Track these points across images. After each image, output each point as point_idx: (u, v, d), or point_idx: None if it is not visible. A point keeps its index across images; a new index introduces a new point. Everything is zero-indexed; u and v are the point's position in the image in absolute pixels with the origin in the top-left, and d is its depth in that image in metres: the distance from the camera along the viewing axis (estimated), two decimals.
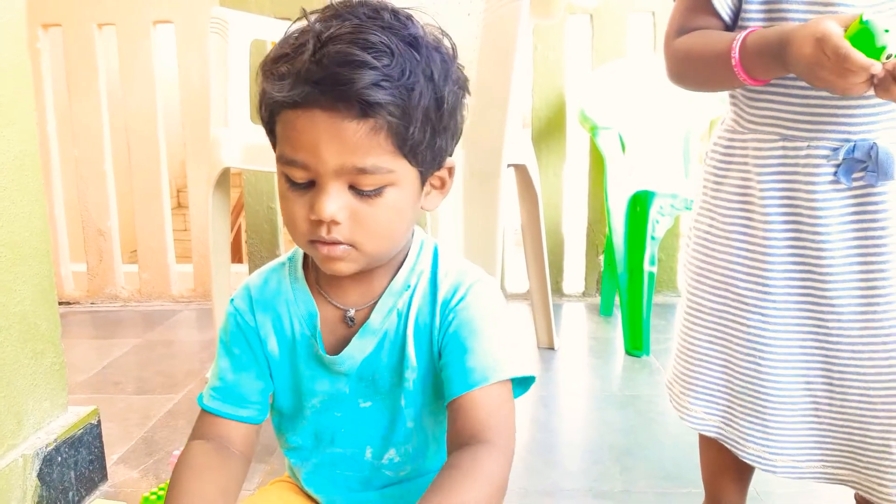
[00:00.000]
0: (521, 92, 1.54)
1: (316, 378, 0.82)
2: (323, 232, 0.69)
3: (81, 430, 1.26)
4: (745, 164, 0.92)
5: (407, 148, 0.68)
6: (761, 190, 0.89)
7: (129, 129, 2.55)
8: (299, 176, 0.69)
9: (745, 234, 0.92)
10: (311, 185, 0.69)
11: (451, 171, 0.77)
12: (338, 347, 0.81)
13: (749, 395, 0.92)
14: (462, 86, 0.74)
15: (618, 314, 2.38)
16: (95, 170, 2.56)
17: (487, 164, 1.41)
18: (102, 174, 2.57)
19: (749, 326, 0.91)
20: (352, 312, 0.82)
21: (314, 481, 0.87)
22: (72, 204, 2.64)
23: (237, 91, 1.73)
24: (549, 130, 2.44)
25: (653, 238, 1.94)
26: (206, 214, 1.63)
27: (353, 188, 0.68)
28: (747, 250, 0.91)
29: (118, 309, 2.61)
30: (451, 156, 0.77)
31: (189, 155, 2.55)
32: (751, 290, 0.90)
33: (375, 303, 0.82)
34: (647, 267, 1.95)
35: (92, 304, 2.65)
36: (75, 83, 2.53)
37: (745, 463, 1.05)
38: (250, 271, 2.36)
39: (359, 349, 0.81)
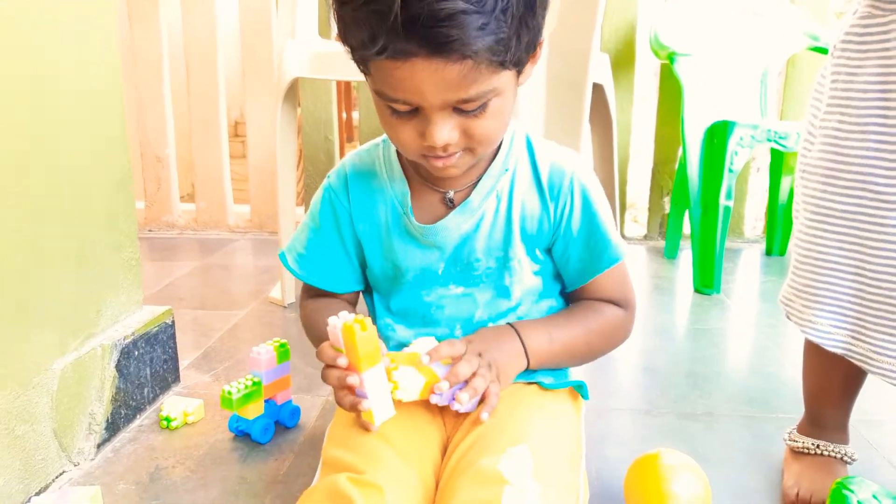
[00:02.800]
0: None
1: (408, 251, 0.83)
2: (438, 153, 0.71)
3: (157, 328, 1.25)
4: (886, 49, 0.84)
5: (507, 62, 0.67)
6: None
7: (188, 55, 2.52)
8: (403, 107, 0.68)
9: (883, 126, 0.84)
10: (415, 112, 0.69)
11: (541, 44, 0.74)
12: (434, 222, 0.83)
13: (885, 304, 0.85)
14: None
15: (682, 257, 2.31)
16: (154, 96, 2.54)
17: (574, 72, 1.34)
18: (161, 100, 2.55)
19: (888, 227, 0.84)
20: (451, 194, 0.83)
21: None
22: (130, 132, 2.63)
23: (305, 2, 1.67)
24: (617, 64, 2.35)
25: (730, 171, 1.85)
26: (265, 143, 1.60)
27: (458, 109, 0.68)
28: (887, 143, 0.83)
29: (175, 236, 2.62)
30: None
31: (248, 82, 2.51)
32: (892, 186, 0.83)
33: (474, 185, 0.83)
34: (722, 201, 1.86)
35: (149, 231, 2.66)
36: (136, 10, 2.50)
37: (852, 382, 0.99)
38: (305, 206, 2.34)
39: (455, 224, 0.82)
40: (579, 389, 0.89)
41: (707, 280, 1.91)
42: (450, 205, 0.83)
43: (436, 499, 0.75)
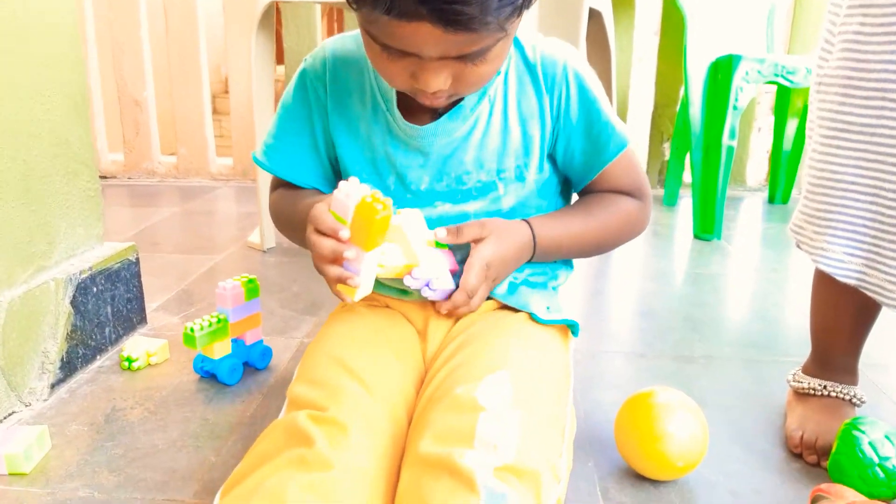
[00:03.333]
0: None
1: (389, 150, 0.76)
2: (429, 94, 0.65)
3: (119, 265, 1.17)
4: None
5: (515, 17, 0.60)
6: None
7: None
8: (395, 53, 0.62)
9: None
10: (408, 54, 0.61)
11: None
12: (421, 124, 0.75)
13: None
14: None
15: (682, 205, 2.22)
16: (130, 35, 2.42)
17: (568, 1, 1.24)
18: (138, 41, 2.43)
19: None
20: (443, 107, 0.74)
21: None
22: (106, 74, 2.52)
23: None
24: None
25: (734, 108, 1.75)
26: (248, 88, 1.49)
27: (458, 58, 0.62)
28: None
29: (156, 184, 2.52)
30: None
31: (229, 23, 2.39)
32: None
33: None
34: (725, 140, 1.77)
35: (129, 178, 2.56)
36: None
37: (864, 318, 0.91)
38: None
39: (445, 130, 0.74)
40: (570, 327, 0.81)
41: (707, 225, 1.82)
42: (440, 109, 0.74)
43: (409, 431, 0.68)
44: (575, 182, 0.82)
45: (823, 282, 0.92)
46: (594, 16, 1.59)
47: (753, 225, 2.06)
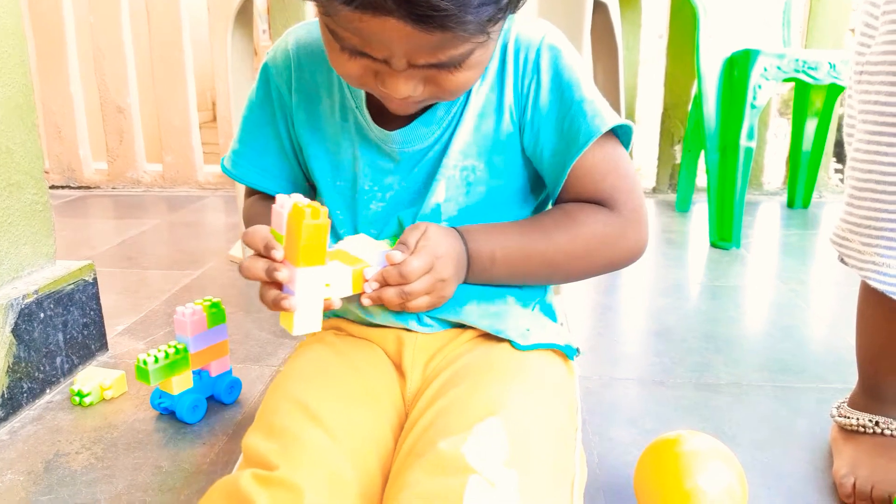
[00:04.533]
0: None
1: (358, 158, 0.65)
2: (395, 99, 0.56)
3: (72, 286, 1.04)
4: None
5: (498, 19, 0.50)
6: None
7: None
8: (359, 54, 0.52)
9: None
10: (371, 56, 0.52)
11: None
12: (392, 128, 0.64)
13: None
14: None
15: (696, 210, 2.09)
16: (112, 40, 2.31)
17: None
18: (120, 44, 2.31)
19: None
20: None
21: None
22: (87, 79, 2.40)
23: None
24: None
25: (753, 107, 1.62)
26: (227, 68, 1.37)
27: (431, 66, 0.52)
28: None
29: (141, 194, 2.41)
30: None
31: (214, 22, 2.27)
32: None
33: None
34: (743, 141, 1.64)
35: (113, 188, 2.44)
36: None
37: None
38: None
39: (417, 136, 0.63)
40: (566, 351, 0.68)
41: (725, 232, 1.69)
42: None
43: (384, 493, 0.55)
44: (549, 188, 0.66)
45: (873, 300, 0.79)
46: (599, 8, 1.46)
47: (773, 231, 1.93)
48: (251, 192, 0.76)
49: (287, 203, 0.52)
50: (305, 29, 0.68)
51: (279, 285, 0.55)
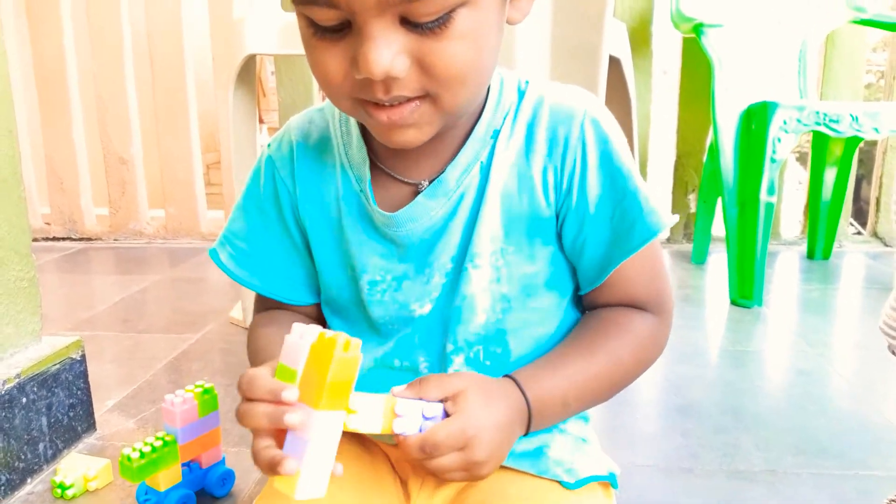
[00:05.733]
0: None
1: (363, 244, 0.59)
2: (378, 93, 0.46)
3: (58, 366, 0.98)
4: None
5: None
6: None
7: (152, 44, 2.26)
8: (326, 17, 0.45)
9: None
10: (346, 28, 0.45)
11: None
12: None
13: None
14: None
15: (713, 262, 2.02)
16: (115, 89, 2.29)
17: (587, 33, 1.07)
18: (123, 95, 2.29)
19: None
20: (424, 184, 0.57)
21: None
22: (91, 131, 2.38)
23: None
24: (630, 40, 2.06)
25: (773, 161, 1.56)
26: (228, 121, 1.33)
27: (408, 22, 0.44)
28: None
29: (143, 246, 2.36)
30: None
31: (218, 71, 2.25)
32: None
33: (452, 159, 0.56)
34: (763, 196, 1.58)
35: (115, 240, 2.40)
36: None
37: None
38: None
39: (425, 210, 0.56)
40: (610, 481, 0.60)
41: (746, 290, 1.62)
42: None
43: None
44: (582, 282, 0.60)
45: None
46: (613, 63, 1.42)
47: (794, 286, 1.85)
48: (263, 303, 0.67)
49: (309, 333, 0.45)
50: (305, 116, 0.62)
51: (280, 438, 0.46)
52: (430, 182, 0.55)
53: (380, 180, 0.57)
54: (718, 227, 2.02)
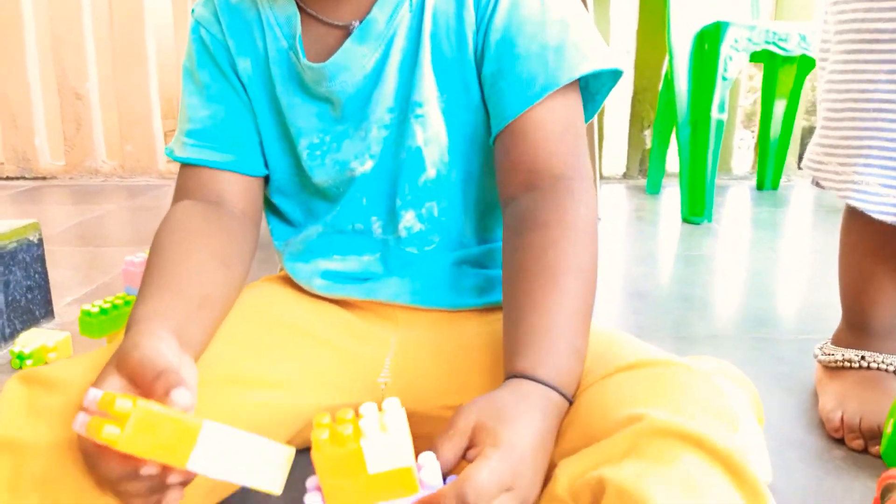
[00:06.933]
0: None
1: (296, 107, 0.58)
2: None
3: (14, 244, 0.98)
4: None
5: None
6: None
7: None
8: None
9: None
10: None
11: None
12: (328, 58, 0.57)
13: None
14: None
15: (666, 194, 2.08)
16: (71, 22, 2.23)
17: None
18: (80, 26, 2.23)
19: None
20: (355, 24, 0.56)
21: (313, 274, 0.62)
22: (45, 64, 2.32)
23: None
24: None
25: (724, 79, 1.61)
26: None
27: None
28: None
29: (99, 184, 2.32)
30: None
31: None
32: None
33: None
34: (714, 114, 1.63)
35: (70, 178, 2.36)
36: None
37: None
38: None
39: (355, 57, 0.56)
40: None
41: (697, 207, 1.67)
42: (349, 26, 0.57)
43: None
44: (491, 123, 0.56)
45: (855, 226, 0.77)
46: None
47: (744, 209, 1.92)
48: (182, 195, 0.60)
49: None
50: None
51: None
52: (361, 22, 0.55)
53: (309, 27, 0.57)
54: (672, 163, 2.07)
